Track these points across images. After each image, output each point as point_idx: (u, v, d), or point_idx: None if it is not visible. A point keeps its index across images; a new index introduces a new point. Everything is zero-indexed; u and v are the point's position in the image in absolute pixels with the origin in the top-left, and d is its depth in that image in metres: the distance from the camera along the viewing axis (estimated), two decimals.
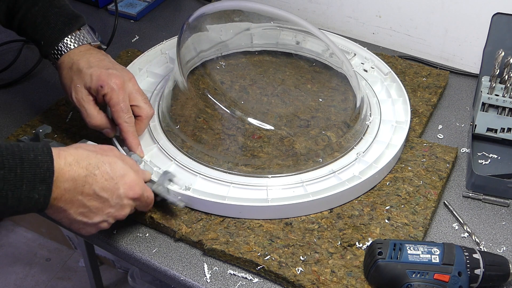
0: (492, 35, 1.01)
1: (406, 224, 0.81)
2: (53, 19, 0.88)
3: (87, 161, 0.69)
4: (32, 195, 0.63)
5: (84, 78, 0.85)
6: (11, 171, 0.62)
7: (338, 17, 1.27)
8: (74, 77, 0.86)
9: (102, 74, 0.85)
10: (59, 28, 0.88)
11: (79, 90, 0.85)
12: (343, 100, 0.98)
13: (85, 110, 0.86)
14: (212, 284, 0.76)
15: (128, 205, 0.74)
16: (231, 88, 0.98)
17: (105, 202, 0.71)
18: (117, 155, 0.74)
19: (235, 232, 0.80)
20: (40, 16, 0.88)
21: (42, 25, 0.88)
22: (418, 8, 1.16)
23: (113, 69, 0.86)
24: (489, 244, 0.81)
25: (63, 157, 0.67)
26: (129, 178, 0.73)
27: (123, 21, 1.29)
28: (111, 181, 0.70)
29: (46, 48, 0.88)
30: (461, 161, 0.95)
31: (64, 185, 0.66)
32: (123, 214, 0.74)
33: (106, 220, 0.73)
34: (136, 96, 0.87)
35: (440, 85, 1.07)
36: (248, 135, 0.88)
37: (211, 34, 1.04)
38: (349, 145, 0.91)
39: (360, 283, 0.74)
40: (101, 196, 0.70)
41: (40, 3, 0.88)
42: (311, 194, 0.82)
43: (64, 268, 1.92)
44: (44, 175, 0.64)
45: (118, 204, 0.72)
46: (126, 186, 0.72)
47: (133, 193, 0.73)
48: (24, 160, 0.63)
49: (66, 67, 0.87)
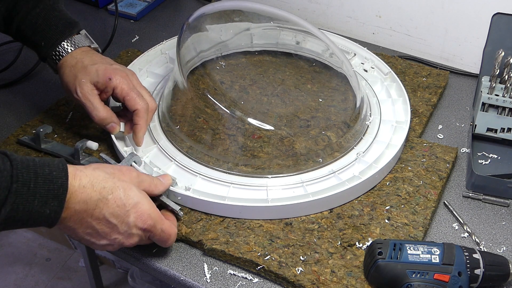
0: (492, 35, 1.01)
1: (406, 224, 0.81)
2: (54, 22, 0.89)
3: (102, 185, 0.68)
4: (44, 210, 0.63)
5: (90, 73, 0.86)
6: (25, 185, 0.61)
7: (338, 17, 1.27)
8: (79, 74, 0.87)
9: (108, 68, 0.87)
10: (60, 30, 0.89)
11: (84, 84, 0.86)
12: (343, 100, 0.98)
13: (91, 103, 0.86)
14: (212, 284, 0.76)
15: (137, 235, 0.72)
16: (231, 88, 0.98)
17: (113, 228, 0.70)
18: (133, 178, 0.73)
19: (235, 232, 0.80)
20: (41, 18, 0.89)
21: (43, 27, 0.89)
22: (418, 8, 1.16)
23: (116, 65, 0.89)
24: (489, 244, 0.81)
25: (78, 178, 0.66)
26: (142, 207, 0.71)
27: (123, 21, 1.29)
28: (123, 208, 0.69)
29: (47, 50, 0.89)
30: (461, 161, 0.95)
31: (75, 206, 0.66)
32: (131, 243, 0.73)
33: (112, 245, 0.72)
34: (140, 90, 0.89)
35: (440, 85, 1.07)
36: (248, 135, 0.88)
37: (211, 34, 1.04)
38: (349, 145, 0.91)
39: (360, 283, 0.74)
40: (110, 222, 0.69)
41: (41, 5, 0.90)
42: (311, 194, 0.82)
43: (64, 268, 1.92)
44: (58, 192, 0.63)
45: (126, 232, 0.71)
46: (137, 215, 0.71)
47: (143, 224, 0.71)
48: (39, 175, 0.62)
49: (69, 66, 0.88)
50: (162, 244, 0.76)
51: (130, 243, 0.73)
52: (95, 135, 0.95)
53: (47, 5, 0.90)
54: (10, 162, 0.61)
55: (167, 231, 0.74)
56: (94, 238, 0.70)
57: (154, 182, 0.76)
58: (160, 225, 0.73)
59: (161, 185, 0.77)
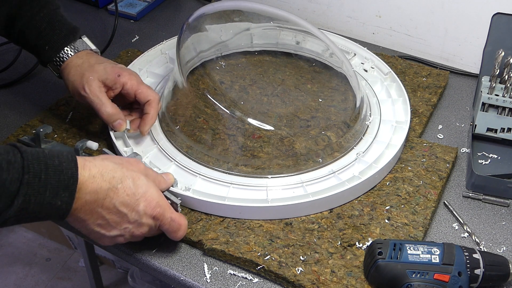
0: (492, 35, 1.01)
1: (406, 224, 0.81)
2: (58, 26, 0.92)
3: (112, 174, 0.69)
4: (55, 202, 0.63)
5: (98, 71, 0.88)
6: (36, 177, 0.61)
7: (338, 17, 1.27)
8: (86, 72, 0.88)
9: (115, 66, 0.90)
10: (64, 35, 0.91)
11: (92, 81, 0.88)
12: (343, 100, 0.98)
13: (100, 100, 0.88)
14: (212, 284, 0.76)
15: (147, 224, 0.73)
16: (231, 88, 0.98)
17: (123, 217, 0.70)
18: (141, 169, 0.74)
19: (235, 232, 0.80)
20: (45, 23, 0.91)
21: (48, 31, 0.91)
22: (418, 8, 1.16)
23: (120, 65, 0.92)
24: (489, 244, 0.81)
25: (87, 168, 0.66)
26: (151, 195, 0.72)
27: (123, 21, 1.29)
28: (133, 196, 0.70)
29: (50, 53, 0.91)
30: (461, 161, 0.95)
31: (86, 197, 0.66)
32: (141, 232, 0.73)
33: (123, 235, 0.72)
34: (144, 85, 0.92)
35: (440, 85, 1.07)
36: (248, 135, 0.88)
37: (211, 34, 1.04)
38: (349, 145, 0.91)
39: (360, 283, 0.74)
40: (120, 211, 0.70)
41: (45, 10, 0.91)
42: (311, 194, 0.82)
43: (64, 268, 1.92)
44: (68, 182, 0.64)
45: (136, 221, 0.72)
46: (146, 203, 0.71)
47: (152, 211, 0.72)
48: (49, 166, 0.63)
49: (75, 65, 0.90)
50: (173, 234, 0.76)
51: (140, 232, 0.73)
52: (95, 135, 0.95)
53: (51, 10, 0.92)
54: (21, 154, 0.62)
55: (177, 221, 0.75)
56: (105, 229, 0.71)
57: (158, 178, 0.77)
58: (169, 213, 0.74)
59: (164, 183, 0.78)
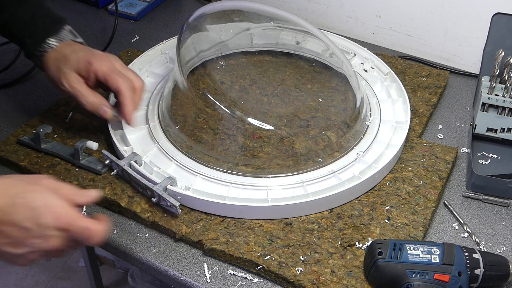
0: (492, 35, 1.01)
1: (406, 224, 0.81)
2: (41, 19, 0.90)
3: (13, 190, 0.66)
4: None
5: (71, 62, 0.86)
6: None
7: (338, 17, 1.27)
8: (61, 65, 0.87)
9: (88, 54, 0.87)
10: (46, 27, 0.89)
11: (68, 74, 0.86)
12: (343, 100, 0.98)
13: (79, 91, 0.86)
14: (212, 284, 0.76)
15: (55, 236, 0.67)
16: (231, 88, 0.98)
17: (28, 232, 0.66)
18: (49, 184, 0.69)
19: (235, 232, 0.80)
20: (27, 16, 0.90)
21: (30, 24, 0.89)
22: (418, 8, 1.16)
23: (98, 51, 0.89)
24: (489, 244, 0.81)
25: None
26: (53, 208, 0.66)
27: (123, 21, 1.29)
28: (32, 211, 0.65)
29: (32, 47, 0.89)
30: (461, 161, 0.95)
31: None
32: (51, 245, 0.67)
33: (34, 251, 0.68)
34: (124, 71, 0.88)
35: (440, 85, 1.07)
36: (248, 135, 0.88)
37: (211, 34, 1.04)
38: (349, 145, 0.91)
39: (360, 283, 0.74)
40: (23, 226, 0.65)
41: (27, 3, 0.90)
42: (311, 194, 0.82)
43: (64, 268, 1.92)
44: None
45: (42, 235, 0.66)
46: (50, 216, 0.66)
47: (55, 223, 0.66)
48: None
49: (52, 59, 0.88)
50: (88, 241, 0.69)
51: (51, 245, 0.68)
52: (95, 135, 0.95)
53: (34, 2, 0.91)
54: None
55: (89, 227, 0.68)
56: (13, 248, 0.66)
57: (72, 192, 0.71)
58: (79, 222, 0.68)
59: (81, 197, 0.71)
